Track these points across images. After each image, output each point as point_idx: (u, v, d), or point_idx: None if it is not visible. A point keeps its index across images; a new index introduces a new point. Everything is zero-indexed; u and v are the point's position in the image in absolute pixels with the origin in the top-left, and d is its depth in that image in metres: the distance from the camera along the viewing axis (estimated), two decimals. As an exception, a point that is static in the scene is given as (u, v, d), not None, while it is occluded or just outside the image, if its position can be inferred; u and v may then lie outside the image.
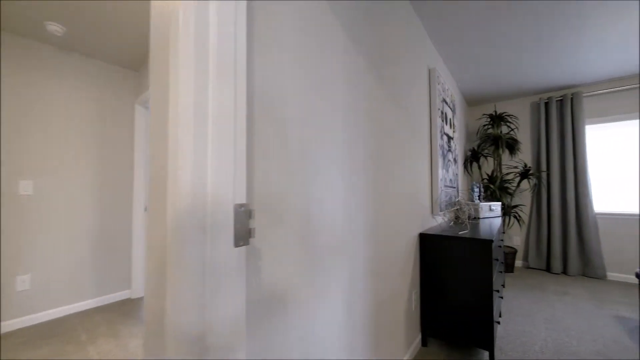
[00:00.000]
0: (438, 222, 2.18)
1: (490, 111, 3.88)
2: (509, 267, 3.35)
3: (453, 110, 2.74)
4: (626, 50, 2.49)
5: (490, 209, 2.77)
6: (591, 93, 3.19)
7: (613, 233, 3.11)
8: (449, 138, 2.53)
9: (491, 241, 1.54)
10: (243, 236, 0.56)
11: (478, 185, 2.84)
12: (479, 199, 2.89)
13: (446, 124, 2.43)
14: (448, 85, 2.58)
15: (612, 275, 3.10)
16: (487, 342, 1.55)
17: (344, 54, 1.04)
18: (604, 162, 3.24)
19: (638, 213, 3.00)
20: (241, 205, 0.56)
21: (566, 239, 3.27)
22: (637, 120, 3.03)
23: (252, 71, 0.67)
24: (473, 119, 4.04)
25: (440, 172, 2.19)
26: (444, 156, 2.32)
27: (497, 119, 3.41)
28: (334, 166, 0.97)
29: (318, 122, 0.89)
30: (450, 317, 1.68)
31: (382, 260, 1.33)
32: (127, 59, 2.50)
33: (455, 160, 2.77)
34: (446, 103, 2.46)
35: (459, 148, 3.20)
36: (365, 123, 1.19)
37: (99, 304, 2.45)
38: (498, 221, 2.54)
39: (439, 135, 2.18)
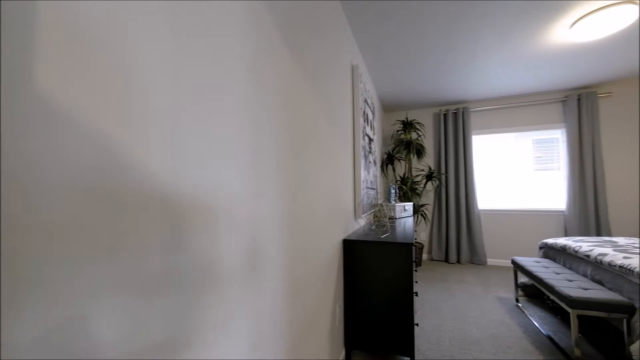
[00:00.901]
0: (361, 225, 2.11)
1: (403, 118, 4.21)
2: (418, 262, 3.66)
3: (373, 113, 2.78)
4: (499, 78, 3.02)
5: (405, 209, 2.92)
6: (476, 109, 3.80)
7: (490, 226, 3.77)
8: (370, 139, 2.53)
9: (411, 244, 1.50)
10: None
11: (394, 187, 2.97)
12: (395, 200, 3.03)
13: (367, 125, 2.41)
14: (369, 87, 2.59)
15: (490, 261, 3.73)
16: (408, 348, 1.50)
17: (246, 28, 0.74)
18: (484, 167, 3.90)
19: (510, 209, 3.71)
20: None
21: (459, 233, 3.78)
22: (510, 134, 3.75)
23: None
24: (388, 124, 4.32)
25: (363, 173, 2.13)
26: (366, 157, 2.29)
27: (409, 125, 3.70)
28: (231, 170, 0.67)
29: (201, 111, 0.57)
30: (373, 326, 1.58)
31: (301, 277, 1.09)
32: None
33: (375, 162, 2.81)
34: (367, 104, 2.45)
35: (377, 150, 3.31)
36: (279, 115, 0.92)
37: None
38: (411, 220, 2.68)
39: (361, 135, 2.11)
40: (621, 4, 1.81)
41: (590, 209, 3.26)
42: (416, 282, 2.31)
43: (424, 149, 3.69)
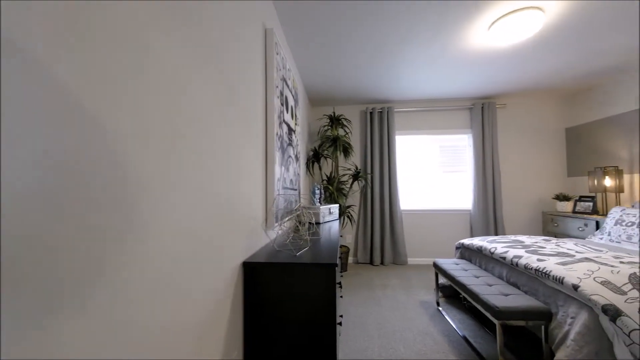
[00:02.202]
0: (273, 238, 1.64)
1: (330, 113, 3.95)
2: (344, 266, 3.44)
3: (296, 100, 2.36)
4: (421, 81, 3.03)
5: (330, 212, 2.60)
6: (400, 109, 3.82)
7: (409, 226, 3.84)
8: (290, 130, 2.10)
9: (334, 265, 1.12)
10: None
11: (319, 187, 2.62)
12: (319, 202, 2.68)
13: (287, 110, 1.97)
14: (290, 66, 2.15)
15: (410, 260, 3.80)
16: (330, 402, 1.11)
17: None
18: (404, 167, 3.96)
19: (425, 209, 3.84)
20: None
21: (383, 234, 3.73)
22: (426, 135, 3.88)
23: None
24: (315, 119, 4.00)
25: (278, 169, 1.67)
26: (284, 150, 1.84)
27: (336, 121, 3.43)
28: None
29: None
30: (285, 380, 1.14)
31: (165, 335, 0.55)
32: None
33: (297, 158, 2.40)
34: (287, 86, 2.00)
35: (301, 145, 2.91)
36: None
37: None
38: (337, 225, 2.37)
39: (276, 121, 1.65)
40: (529, 8, 1.85)
41: (489, 208, 3.60)
42: (341, 296, 1.99)
43: (351, 147, 3.48)
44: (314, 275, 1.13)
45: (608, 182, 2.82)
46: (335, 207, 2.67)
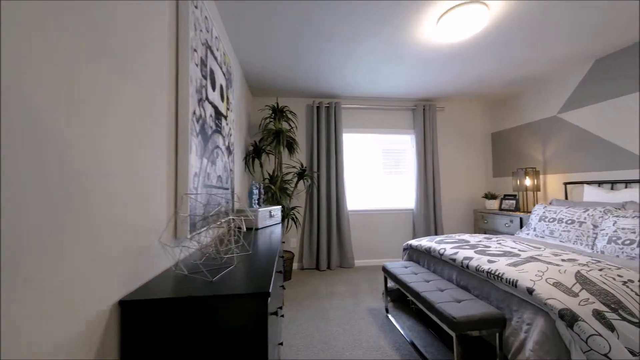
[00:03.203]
0: (181, 256, 1.21)
1: (273, 103, 3.57)
2: (288, 275, 3.10)
3: (229, 80, 1.94)
4: (369, 79, 2.91)
5: (271, 215, 2.24)
6: (347, 106, 3.66)
7: (355, 227, 3.71)
8: (219, 113, 1.67)
9: (266, 295, 0.78)
10: None
11: (258, 187, 2.23)
12: (258, 203, 2.29)
13: (213, 88, 1.55)
14: (220, 35, 1.72)
15: (357, 262, 3.67)
16: None
17: None
18: (350, 166, 3.82)
19: (371, 209, 3.76)
20: None
21: (330, 237, 3.51)
22: (371, 134, 3.80)
23: None
24: (256, 110, 3.57)
25: (197, 161, 1.25)
26: (207, 137, 1.41)
27: (279, 113, 3.08)
28: None
29: None
30: None
31: None
32: None
33: (230, 150, 1.97)
34: (214, 57, 1.58)
35: (238, 137, 2.48)
36: None
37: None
38: (278, 229, 2.02)
39: (194, 95, 1.23)
40: (475, 2, 1.81)
41: (430, 207, 3.70)
42: (282, 315, 1.65)
43: (296, 143, 3.17)
44: (235, 312, 0.77)
45: (528, 182, 3.11)
46: (277, 209, 2.32)
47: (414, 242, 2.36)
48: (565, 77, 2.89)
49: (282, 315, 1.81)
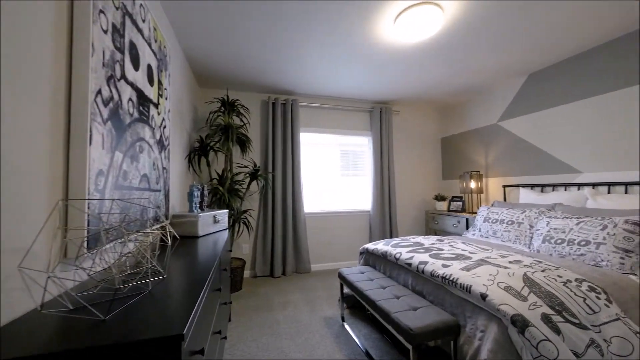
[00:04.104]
0: (69, 286, 0.92)
1: (223, 95, 3.25)
2: (238, 284, 2.82)
3: (163, 62, 1.63)
4: (327, 77, 2.79)
5: (216, 221, 1.97)
6: (305, 104, 3.51)
7: (311, 230, 3.58)
8: (147, 99, 1.38)
9: (179, 338, 0.57)
10: None
11: (199, 188, 1.95)
12: (200, 207, 2.00)
13: (136, 67, 1.25)
14: (149, 6, 1.42)
15: (314, 266, 3.53)
16: None
17: None
18: (307, 166, 3.68)
19: (326, 211, 3.66)
20: None
21: (285, 241, 3.32)
22: (331, 135, 3.71)
23: None
24: (203, 102, 3.22)
25: (105, 156, 0.97)
26: (123, 126, 1.12)
27: (229, 106, 2.79)
28: None
29: None
30: None
31: None
32: None
33: (163, 145, 1.66)
34: (138, 29, 1.29)
35: (176, 130, 2.15)
36: None
37: None
38: (224, 236, 1.78)
39: (99, 71, 0.94)
40: (429, 3, 1.81)
41: (386, 209, 3.73)
42: (224, 338, 1.41)
43: (249, 140, 2.92)
44: (131, 368, 0.55)
45: (473, 184, 3.31)
46: (223, 214, 2.06)
47: (371, 246, 2.30)
48: (506, 88, 3.14)
49: (224, 338, 1.57)
